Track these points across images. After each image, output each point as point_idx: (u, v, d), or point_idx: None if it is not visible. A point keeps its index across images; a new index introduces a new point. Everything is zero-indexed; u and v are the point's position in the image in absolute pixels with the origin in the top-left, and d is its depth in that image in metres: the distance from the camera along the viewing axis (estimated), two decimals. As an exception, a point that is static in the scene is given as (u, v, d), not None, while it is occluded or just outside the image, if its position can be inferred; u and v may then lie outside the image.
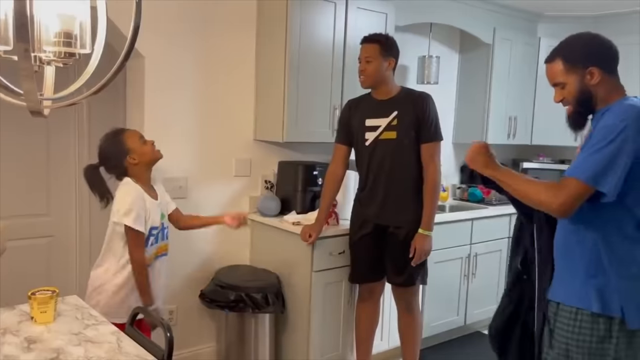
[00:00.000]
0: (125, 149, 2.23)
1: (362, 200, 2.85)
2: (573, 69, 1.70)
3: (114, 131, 2.29)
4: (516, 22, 4.30)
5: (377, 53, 2.67)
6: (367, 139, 2.75)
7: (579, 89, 1.70)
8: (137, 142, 2.25)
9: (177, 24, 2.90)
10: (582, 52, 1.71)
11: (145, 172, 2.30)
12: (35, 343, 1.60)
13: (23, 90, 1.01)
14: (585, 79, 1.68)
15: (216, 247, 3.19)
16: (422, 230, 2.70)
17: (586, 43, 1.74)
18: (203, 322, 3.17)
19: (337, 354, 3.05)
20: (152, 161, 2.31)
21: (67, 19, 1.09)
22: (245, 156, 3.25)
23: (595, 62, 1.68)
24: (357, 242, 2.86)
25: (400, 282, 2.83)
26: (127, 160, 2.23)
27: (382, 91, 2.74)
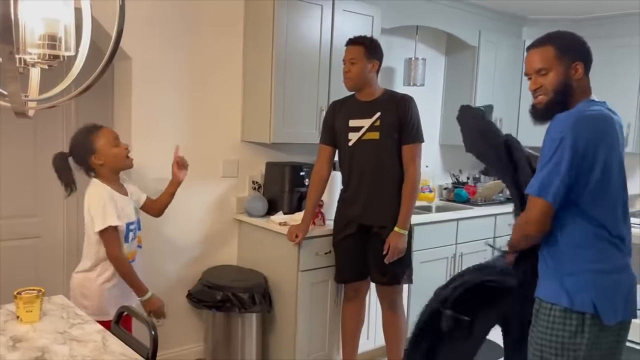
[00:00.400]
0: (92, 148, 2.18)
1: (346, 201, 2.89)
2: (563, 58, 1.73)
3: (88, 127, 2.23)
4: (501, 25, 4.36)
5: (361, 55, 2.70)
6: (350, 139, 2.78)
7: (562, 80, 1.73)
8: (107, 143, 2.20)
9: (164, 26, 2.92)
10: (573, 45, 1.76)
11: (112, 174, 2.26)
12: (20, 342, 1.61)
13: (8, 91, 1.03)
14: (570, 71, 1.72)
15: (203, 247, 3.21)
16: (398, 228, 2.74)
17: (577, 39, 1.79)
18: (190, 322, 3.19)
19: (323, 353, 3.08)
20: (118, 167, 2.27)
21: (52, 22, 1.11)
22: (233, 157, 3.27)
23: (581, 59, 1.73)
24: (341, 242, 2.89)
25: (384, 282, 2.86)
26: (91, 160, 2.19)
27: (366, 93, 2.78)
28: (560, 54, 1.73)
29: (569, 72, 1.72)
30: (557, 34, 1.80)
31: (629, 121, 4.18)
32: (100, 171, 2.23)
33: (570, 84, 1.73)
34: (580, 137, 1.61)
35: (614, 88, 4.23)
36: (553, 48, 1.74)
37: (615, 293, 1.69)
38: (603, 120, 1.69)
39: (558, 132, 1.63)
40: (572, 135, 1.60)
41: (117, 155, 2.22)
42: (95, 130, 2.22)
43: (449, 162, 4.57)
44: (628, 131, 4.18)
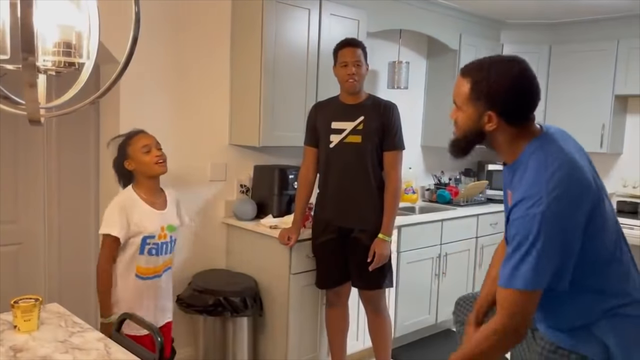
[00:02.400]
0: (126, 153, 2.25)
1: (325, 203, 2.86)
2: (474, 102, 1.47)
3: (130, 132, 2.30)
4: (481, 29, 4.45)
5: (362, 57, 2.73)
6: (331, 141, 2.78)
7: (471, 125, 1.49)
8: (137, 149, 2.24)
9: (152, 29, 2.89)
10: (489, 89, 1.44)
11: (144, 180, 2.27)
12: (21, 352, 1.59)
13: (25, 99, 1.01)
14: (482, 119, 1.47)
15: (192, 251, 3.19)
16: (382, 235, 2.74)
17: (499, 81, 1.44)
18: (180, 327, 3.15)
19: (314, 355, 3.09)
20: (147, 173, 2.26)
21: (67, 29, 1.10)
22: (221, 160, 3.26)
23: (497, 108, 1.44)
24: (321, 247, 2.87)
25: (366, 286, 2.86)
26: (125, 164, 2.25)
27: (356, 96, 2.78)
28: (473, 95, 1.46)
29: (481, 120, 1.46)
30: (480, 67, 1.48)
31: (603, 122, 4.32)
32: (136, 177, 2.28)
33: (482, 131, 1.48)
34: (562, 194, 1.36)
35: (590, 90, 4.37)
36: (470, 85, 1.47)
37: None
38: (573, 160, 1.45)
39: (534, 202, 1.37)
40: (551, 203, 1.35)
41: (145, 162, 2.24)
42: (132, 136, 2.28)
43: (431, 164, 4.64)
44: (603, 132, 4.32)
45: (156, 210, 2.28)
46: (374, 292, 2.89)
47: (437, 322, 3.90)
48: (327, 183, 2.85)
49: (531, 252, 1.36)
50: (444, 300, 3.85)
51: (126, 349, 1.65)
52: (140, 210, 2.23)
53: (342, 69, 2.73)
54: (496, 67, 1.47)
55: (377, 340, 3.02)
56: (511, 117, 1.47)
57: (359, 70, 2.71)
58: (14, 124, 3.10)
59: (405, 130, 2.87)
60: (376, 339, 3.02)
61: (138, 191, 2.26)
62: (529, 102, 1.49)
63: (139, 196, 2.25)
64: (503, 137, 1.49)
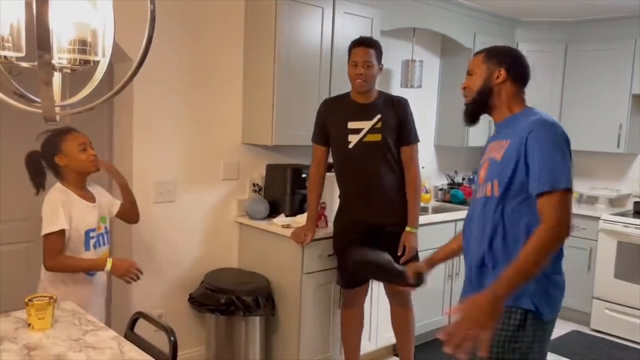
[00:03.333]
0: (58, 148, 2.20)
1: (352, 203, 2.86)
2: (487, 63, 1.85)
3: (61, 129, 2.25)
4: (495, 27, 4.40)
5: (374, 57, 2.72)
6: (350, 141, 2.77)
7: (483, 82, 1.84)
8: (73, 147, 2.21)
9: (165, 28, 2.89)
10: (500, 53, 1.88)
11: (75, 177, 2.24)
12: (35, 350, 1.59)
13: (41, 97, 1.01)
14: (492, 75, 1.83)
15: (204, 250, 3.19)
16: (410, 228, 2.78)
17: (508, 50, 1.93)
18: (192, 325, 3.16)
19: (326, 356, 3.08)
20: (81, 170, 2.24)
21: (82, 27, 1.10)
22: (233, 159, 3.26)
23: (506, 66, 1.83)
24: (348, 245, 2.84)
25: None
26: (55, 159, 2.20)
27: (368, 95, 2.78)
28: (486, 59, 1.87)
29: (492, 76, 1.84)
30: (494, 46, 1.94)
31: (620, 122, 4.26)
32: (64, 173, 2.24)
33: (491, 86, 1.84)
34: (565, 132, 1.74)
35: (606, 90, 4.31)
36: (484, 53, 1.89)
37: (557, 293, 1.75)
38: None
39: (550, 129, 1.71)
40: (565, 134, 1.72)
41: (81, 159, 2.21)
42: (66, 132, 2.24)
43: (444, 163, 4.60)
44: (619, 132, 4.26)
45: (90, 204, 2.27)
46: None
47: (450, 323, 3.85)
48: (350, 182, 2.85)
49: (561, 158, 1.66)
50: (456, 301, 3.81)
51: (140, 348, 1.65)
52: (78, 204, 2.21)
53: (352, 68, 2.73)
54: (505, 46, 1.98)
55: (401, 332, 3.03)
56: (516, 75, 1.84)
57: (368, 71, 2.70)
58: (27, 122, 3.12)
59: (418, 130, 2.88)
60: (400, 331, 3.04)
61: (68, 186, 2.23)
62: (527, 71, 1.88)
63: (72, 192, 2.22)
64: (506, 93, 1.84)
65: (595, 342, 3.97)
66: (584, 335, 4.09)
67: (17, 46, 1.11)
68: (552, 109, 4.54)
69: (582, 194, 4.72)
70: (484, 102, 1.86)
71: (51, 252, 2.15)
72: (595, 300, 4.15)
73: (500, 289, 1.56)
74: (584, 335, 4.09)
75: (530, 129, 1.71)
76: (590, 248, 4.18)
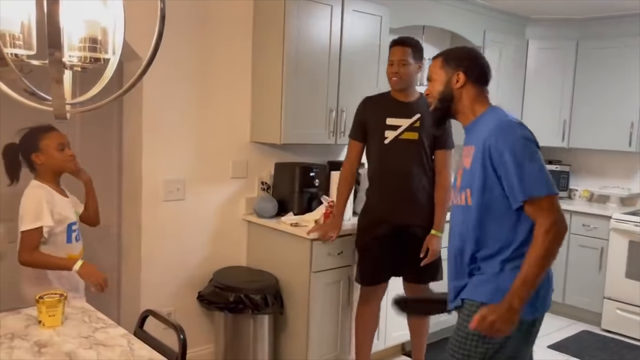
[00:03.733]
0: (36, 145, 2.20)
1: (379, 199, 2.86)
2: (445, 68, 1.85)
3: (42, 126, 2.24)
4: (505, 24, 4.37)
5: (410, 57, 2.77)
6: (386, 137, 2.80)
7: (443, 88, 1.84)
8: (52, 146, 2.21)
9: (174, 26, 2.89)
10: (457, 56, 1.87)
11: (52, 176, 2.26)
12: (45, 347, 1.59)
13: (52, 94, 1.01)
14: (452, 80, 1.83)
15: (212, 248, 3.19)
16: (435, 231, 2.79)
17: (466, 52, 1.91)
18: (200, 323, 3.17)
19: (335, 355, 3.07)
20: (57, 169, 2.26)
21: (93, 25, 1.10)
22: (242, 158, 3.26)
23: (464, 69, 1.82)
24: (371, 242, 2.86)
25: (420, 280, 2.89)
26: (32, 156, 2.21)
27: (407, 93, 2.83)
28: (444, 63, 1.86)
29: (451, 81, 1.83)
30: (450, 49, 1.95)
31: (632, 119, 4.21)
32: (40, 171, 2.24)
33: (451, 91, 1.83)
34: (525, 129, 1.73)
35: (618, 88, 4.27)
36: (442, 57, 1.88)
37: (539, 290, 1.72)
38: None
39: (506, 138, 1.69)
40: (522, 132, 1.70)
41: (58, 159, 2.23)
42: (45, 131, 2.24)
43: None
44: (631, 130, 4.22)
45: (65, 199, 2.30)
46: (423, 286, 2.92)
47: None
48: (381, 178, 2.86)
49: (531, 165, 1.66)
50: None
51: (149, 345, 1.65)
52: (58, 200, 2.24)
53: (389, 67, 2.80)
54: (462, 47, 1.98)
55: (416, 331, 3.08)
56: (474, 76, 1.83)
57: (403, 70, 2.75)
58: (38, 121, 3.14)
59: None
60: (415, 331, 3.08)
61: (44, 182, 2.24)
62: (486, 70, 1.87)
63: (50, 188, 2.23)
64: (467, 96, 1.83)
65: (606, 343, 3.94)
66: (594, 336, 4.06)
67: (28, 44, 1.11)
68: (562, 107, 4.51)
69: (593, 193, 4.69)
70: (447, 108, 1.86)
71: (28, 247, 2.15)
72: (606, 300, 4.11)
73: (515, 300, 1.62)
74: (594, 336, 4.06)
75: (489, 137, 1.71)
76: (602, 248, 4.15)
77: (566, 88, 4.51)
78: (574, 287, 4.32)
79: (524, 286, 1.62)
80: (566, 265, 4.36)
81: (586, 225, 4.24)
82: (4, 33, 1.07)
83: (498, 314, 1.62)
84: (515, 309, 1.62)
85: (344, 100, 3.24)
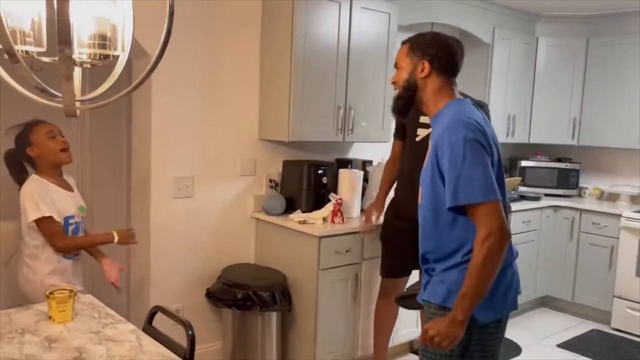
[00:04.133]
0: (28, 140, 2.24)
1: (405, 194, 2.90)
2: (411, 56, 1.78)
3: (28, 122, 2.28)
4: (515, 22, 4.35)
5: None
6: (418, 134, 2.87)
7: (408, 76, 1.78)
8: (42, 136, 2.24)
9: (183, 24, 2.90)
10: (425, 44, 1.77)
11: (49, 168, 2.28)
12: (55, 342, 1.61)
13: (62, 91, 1.02)
14: (417, 69, 1.75)
15: (220, 245, 3.20)
16: None
17: (434, 39, 1.79)
18: (209, 320, 3.18)
19: (343, 352, 3.07)
20: (52, 160, 2.28)
21: (102, 22, 1.10)
22: (250, 155, 3.27)
23: (429, 57, 1.74)
24: (396, 235, 2.91)
25: None
26: (27, 151, 2.25)
27: None
28: (410, 51, 1.79)
29: (416, 70, 1.76)
30: (418, 35, 1.84)
31: (642, 117, 4.18)
32: (39, 165, 2.28)
33: (415, 80, 1.76)
34: (475, 129, 1.62)
35: (628, 85, 4.23)
36: (409, 44, 1.81)
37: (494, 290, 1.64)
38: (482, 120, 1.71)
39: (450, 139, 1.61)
40: (468, 133, 1.60)
41: (50, 148, 2.25)
42: (35, 124, 2.28)
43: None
44: (642, 128, 4.18)
45: (68, 192, 2.32)
46: None
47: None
48: (408, 174, 2.89)
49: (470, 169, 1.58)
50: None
51: (158, 341, 1.66)
52: (55, 192, 2.26)
53: None
54: (426, 32, 1.86)
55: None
56: (440, 66, 1.74)
57: None
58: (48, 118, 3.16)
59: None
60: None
61: (42, 176, 2.26)
62: (453, 59, 1.77)
63: (48, 180, 2.26)
64: (431, 87, 1.75)
65: (616, 342, 3.91)
66: (604, 335, 4.03)
67: (38, 41, 1.13)
68: (572, 105, 4.48)
69: (603, 191, 4.65)
70: (411, 98, 1.78)
71: (55, 235, 2.21)
72: (616, 299, 4.08)
73: (459, 314, 1.57)
74: (604, 335, 4.03)
75: (440, 136, 1.66)
76: (612, 246, 4.11)
77: (576, 85, 4.47)
78: (584, 285, 4.29)
79: (463, 299, 1.56)
80: (576, 264, 4.33)
81: (596, 223, 4.21)
82: (15, 30, 1.08)
83: (437, 328, 1.58)
84: (459, 321, 1.56)
85: (352, 98, 3.24)
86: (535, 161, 4.69)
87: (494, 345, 1.73)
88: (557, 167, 4.63)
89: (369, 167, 3.54)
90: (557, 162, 4.67)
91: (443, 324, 1.58)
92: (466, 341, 1.64)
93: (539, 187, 4.60)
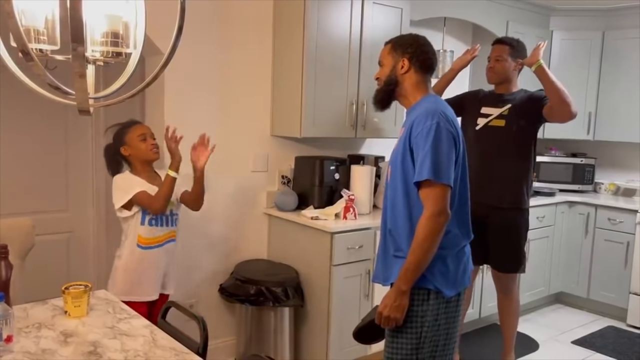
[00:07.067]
0: (123, 140, 2.43)
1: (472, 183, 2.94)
2: (392, 53, 1.97)
3: (126, 122, 2.49)
4: (529, 15, 4.30)
5: (506, 54, 2.94)
6: (478, 124, 2.99)
7: (390, 73, 1.97)
8: (134, 138, 2.42)
9: (195, 22, 2.92)
10: (404, 43, 1.97)
11: (141, 165, 2.46)
12: (71, 337, 1.63)
13: (75, 89, 1.03)
14: (397, 66, 1.95)
15: (233, 241, 3.22)
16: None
17: (413, 39, 1.99)
18: (222, 316, 3.21)
19: (356, 348, 3.07)
20: (142, 158, 2.45)
21: (114, 19, 1.11)
22: (263, 151, 3.28)
23: (408, 55, 1.94)
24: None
25: (502, 269, 3.02)
26: (121, 150, 2.44)
27: (505, 87, 2.99)
28: (392, 49, 1.98)
29: (397, 67, 1.95)
30: (400, 36, 2.05)
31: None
32: (131, 162, 2.47)
33: (396, 76, 1.95)
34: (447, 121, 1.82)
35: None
36: (390, 45, 2.00)
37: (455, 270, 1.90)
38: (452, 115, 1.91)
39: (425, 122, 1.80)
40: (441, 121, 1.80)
41: (141, 148, 2.43)
42: (129, 125, 2.47)
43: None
44: (659, 122, 4.11)
45: (155, 187, 2.44)
46: (508, 275, 3.05)
47: (481, 316, 3.83)
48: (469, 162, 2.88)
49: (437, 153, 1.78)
50: (487, 295, 3.77)
51: (172, 336, 1.68)
52: (140, 184, 2.41)
53: (488, 64, 3.02)
54: (410, 35, 2.03)
55: (504, 318, 3.16)
56: (418, 63, 1.93)
57: (497, 65, 2.96)
58: (63, 116, 3.21)
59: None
60: (503, 318, 3.16)
61: (134, 172, 2.46)
62: (430, 57, 1.96)
63: (136, 176, 2.44)
64: (409, 82, 1.95)
65: (631, 338, 3.87)
66: (620, 331, 3.99)
67: (51, 39, 1.14)
68: (587, 99, 4.42)
69: (619, 186, 4.59)
70: (391, 91, 1.98)
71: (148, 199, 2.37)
72: (632, 295, 4.03)
73: (402, 285, 1.82)
74: (620, 331, 3.99)
75: (415, 120, 1.84)
76: (628, 242, 4.06)
77: (591, 80, 4.42)
78: (599, 282, 4.24)
79: (407, 272, 1.81)
80: (591, 260, 4.28)
81: (612, 219, 4.16)
82: (29, 29, 1.10)
83: (385, 302, 1.85)
84: (403, 291, 1.82)
85: (364, 94, 3.23)
86: (550, 156, 4.64)
87: (455, 317, 1.95)
88: (572, 162, 4.58)
89: (381, 163, 3.53)
90: (572, 157, 4.62)
91: (390, 297, 1.84)
92: (435, 315, 1.87)
93: (554, 183, 4.56)
